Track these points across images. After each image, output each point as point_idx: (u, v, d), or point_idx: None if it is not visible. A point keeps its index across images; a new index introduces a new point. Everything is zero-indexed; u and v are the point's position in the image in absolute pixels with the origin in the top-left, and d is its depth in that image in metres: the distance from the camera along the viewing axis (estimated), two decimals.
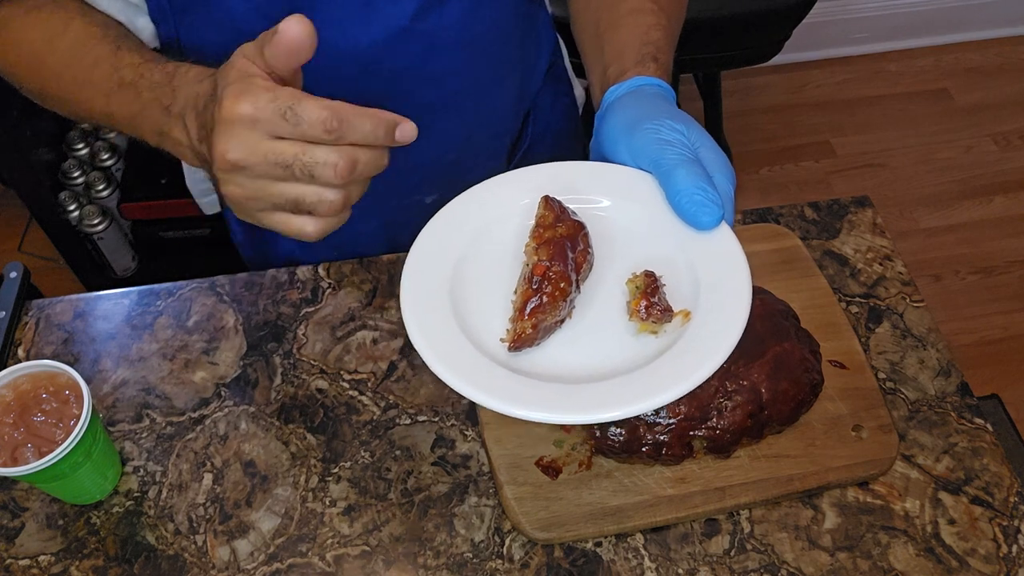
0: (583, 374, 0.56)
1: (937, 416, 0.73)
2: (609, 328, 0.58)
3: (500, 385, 0.53)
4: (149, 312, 0.79)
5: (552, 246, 0.56)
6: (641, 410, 0.52)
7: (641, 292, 0.56)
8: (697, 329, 0.56)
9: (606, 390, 0.54)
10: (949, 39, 2.26)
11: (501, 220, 0.62)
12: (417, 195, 0.84)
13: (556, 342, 0.57)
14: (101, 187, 1.63)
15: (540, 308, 0.54)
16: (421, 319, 0.56)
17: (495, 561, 0.66)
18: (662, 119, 0.59)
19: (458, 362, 0.54)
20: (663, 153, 0.58)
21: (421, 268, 0.59)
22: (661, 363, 0.55)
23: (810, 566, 0.66)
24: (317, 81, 0.70)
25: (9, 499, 0.69)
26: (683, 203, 0.57)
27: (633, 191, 0.61)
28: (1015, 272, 1.87)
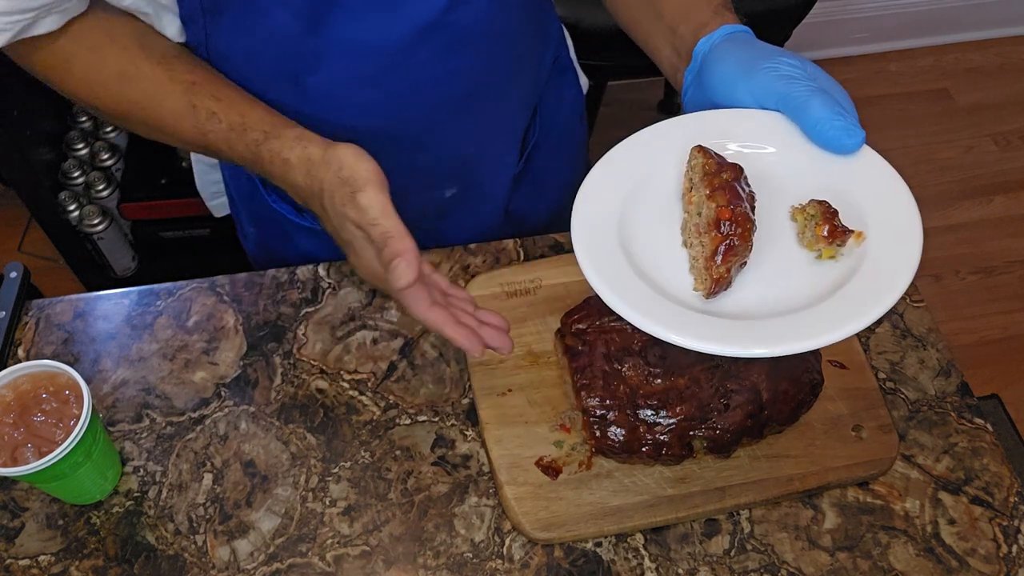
0: (778, 307, 0.56)
1: (937, 416, 0.73)
2: (787, 260, 0.58)
3: (715, 329, 0.54)
4: (149, 312, 0.79)
5: (727, 190, 0.56)
6: (854, 330, 0.52)
7: (821, 217, 0.57)
8: (878, 246, 0.56)
9: (816, 315, 0.54)
10: (949, 39, 2.26)
11: (652, 178, 0.62)
12: (437, 189, 0.85)
13: (742, 282, 0.58)
14: (101, 187, 1.63)
15: (732, 250, 0.55)
16: (613, 286, 0.56)
17: (495, 561, 0.66)
18: (777, 58, 0.60)
19: (657, 313, 0.54)
20: (791, 88, 0.59)
21: (589, 238, 0.59)
22: (858, 283, 0.55)
23: (810, 566, 0.66)
24: (346, 82, 0.70)
25: (9, 499, 0.69)
26: (825, 131, 0.58)
27: (769, 130, 0.61)
28: (1015, 272, 1.87)
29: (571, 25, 0.93)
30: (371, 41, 0.68)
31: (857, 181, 0.59)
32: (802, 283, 0.57)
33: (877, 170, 0.59)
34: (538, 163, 0.93)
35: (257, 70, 0.69)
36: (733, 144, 0.62)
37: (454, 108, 0.76)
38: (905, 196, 0.58)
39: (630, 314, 0.54)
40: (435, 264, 0.82)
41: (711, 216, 0.56)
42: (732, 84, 0.61)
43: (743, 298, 0.57)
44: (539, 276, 0.78)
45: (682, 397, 0.66)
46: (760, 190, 0.59)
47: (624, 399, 0.67)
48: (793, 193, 0.60)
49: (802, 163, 0.60)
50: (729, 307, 0.56)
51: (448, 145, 0.80)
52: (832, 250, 0.57)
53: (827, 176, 0.60)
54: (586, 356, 0.69)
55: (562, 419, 0.70)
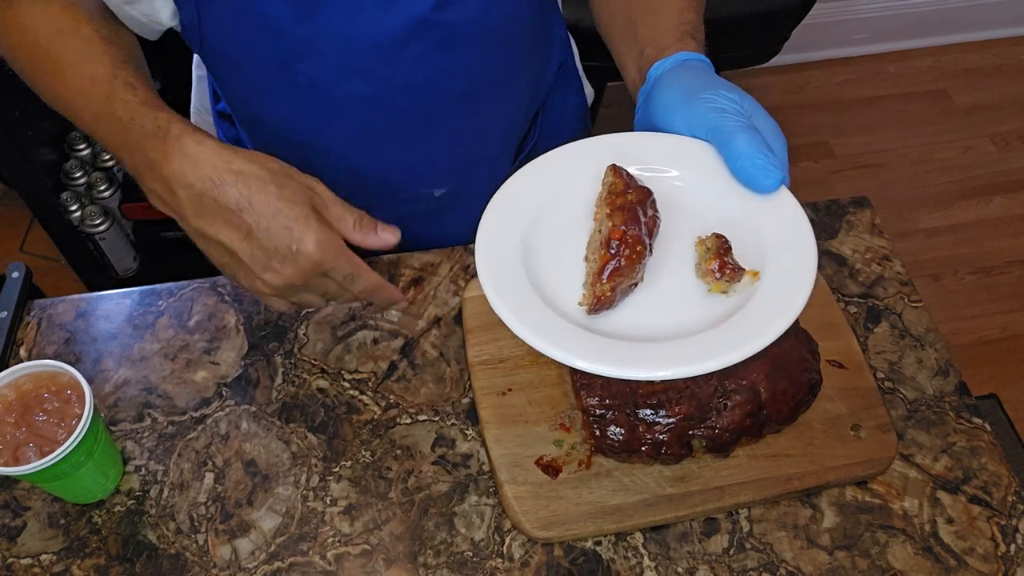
0: (659, 333, 0.57)
1: (935, 416, 0.74)
2: (680, 289, 0.60)
3: (583, 344, 0.55)
4: (150, 312, 0.80)
5: (625, 211, 0.58)
6: (725, 364, 0.54)
7: (713, 252, 0.58)
8: (768, 287, 0.58)
9: (688, 345, 0.55)
10: (948, 40, 2.26)
11: (567, 190, 0.64)
12: (427, 188, 0.85)
13: (630, 304, 0.59)
14: (103, 187, 1.63)
15: (618, 271, 0.56)
16: (498, 286, 0.58)
17: (495, 560, 0.66)
18: (716, 89, 0.62)
19: (538, 323, 0.56)
20: (721, 121, 0.60)
21: (493, 237, 0.61)
22: (740, 319, 0.56)
23: (809, 565, 0.66)
24: (337, 74, 0.70)
25: (11, 498, 0.69)
26: (745, 168, 0.59)
27: (692, 159, 0.63)
28: (1014, 272, 1.87)
29: (571, 26, 0.93)
30: (361, 34, 0.68)
31: (768, 221, 0.60)
32: (688, 313, 0.59)
33: (789, 212, 0.60)
34: None
35: (248, 55, 0.70)
36: (659, 168, 0.63)
37: (446, 107, 0.77)
38: (808, 242, 0.59)
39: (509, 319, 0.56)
40: (435, 264, 0.82)
41: (604, 235, 0.57)
42: (671, 110, 0.63)
43: (628, 319, 0.58)
44: None
45: (681, 397, 0.67)
46: (676, 216, 0.60)
47: (623, 398, 0.67)
48: (705, 223, 0.61)
49: (720, 195, 0.62)
50: (611, 326, 0.58)
51: (439, 144, 0.80)
52: (722, 285, 0.58)
53: (740, 211, 0.61)
54: None
55: (562, 418, 0.71)
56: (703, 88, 0.62)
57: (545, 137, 0.92)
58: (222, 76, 0.76)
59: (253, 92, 0.75)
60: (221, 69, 0.74)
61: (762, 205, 0.61)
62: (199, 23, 0.67)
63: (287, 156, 0.81)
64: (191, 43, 0.71)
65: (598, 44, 1.36)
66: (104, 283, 1.69)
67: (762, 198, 0.61)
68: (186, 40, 0.71)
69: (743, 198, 0.61)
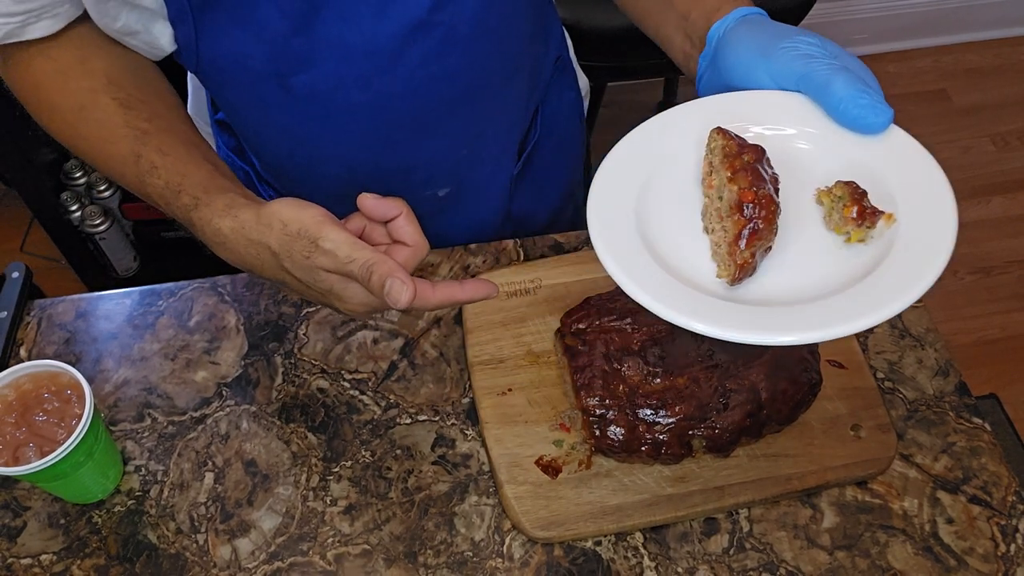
0: (807, 293, 0.53)
1: (935, 416, 0.74)
2: (814, 245, 0.56)
3: (737, 316, 0.51)
4: (151, 312, 0.80)
5: (749, 172, 0.54)
6: (896, 311, 0.50)
7: (849, 199, 0.54)
8: (908, 228, 0.54)
9: (853, 299, 0.51)
10: (947, 40, 2.27)
11: (667, 163, 0.60)
12: (430, 189, 0.85)
13: (768, 269, 0.55)
14: (103, 187, 1.63)
15: (756, 234, 0.53)
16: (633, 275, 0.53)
17: (495, 560, 0.66)
18: (795, 37, 0.59)
19: (681, 302, 0.52)
20: (812, 68, 0.57)
21: (607, 226, 0.56)
22: (893, 263, 0.52)
23: (809, 565, 0.66)
24: (335, 83, 0.70)
25: (11, 498, 0.69)
26: (850, 109, 0.56)
27: (788, 111, 0.59)
28: (1013, 272, 1.87)
29: (571, 26, 0.94)
30: (359, 42, 0.68)
31: (885, 161, 0.56)
32: (830, 268, 0.54)
33: (906, 149, 0.57)
34: (538, 164, 0.93)
35: (245, 71, 0.69)
36: (754, 127, 0.59)
37: (446, 110, 0.76)
38: (937, 176, 0.55)
39: (654, 304, 0.51)
40: (435, 264, 0.83)
41: (733, 199, 0.53)
42: (750, 66, 0.60)
43: (769, 284, 0.54)
44: (539, 276, 0.78)
45: (681, 397, 0.67)
46: (784, 173, 0.56)
47: (623, 399, 0.67)
48: (817, 175, 0.57)
49: (826, 144, 0.58)
50: (755, 294, 0.54)
51: (441, 147, 0.80)
52: (861, 232, 0.54)
53: (854, 157, 0.57)
54: (586, 356, 0.69)
55: (562, 418, 0.71)
56: (779, 38, 0.59)
57: (545, 133, 0.92)
58: (219, 92, 0.75)
59: (251, 105, 0.74)
60: (218, 85, 0.74)
61: (878, 146, 0.57)
62: (195, 41, 0.67)
63: (288, 165, 0.81)
64: (187, 64, 0.71)
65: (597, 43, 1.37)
66: (104, 283, 1.69)
67: (875, 139, 0.57)
68: (182, 61, 0.71)
69: (855, 142, 0.57)
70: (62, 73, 0.67)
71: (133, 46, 0.68)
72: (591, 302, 0.73)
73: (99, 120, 0.66)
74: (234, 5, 0.65)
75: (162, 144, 0.65)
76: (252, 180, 0.87)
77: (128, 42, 0.67)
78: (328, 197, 0.65)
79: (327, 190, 0.76)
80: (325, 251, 0.57)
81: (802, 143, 0.59)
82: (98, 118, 0.66)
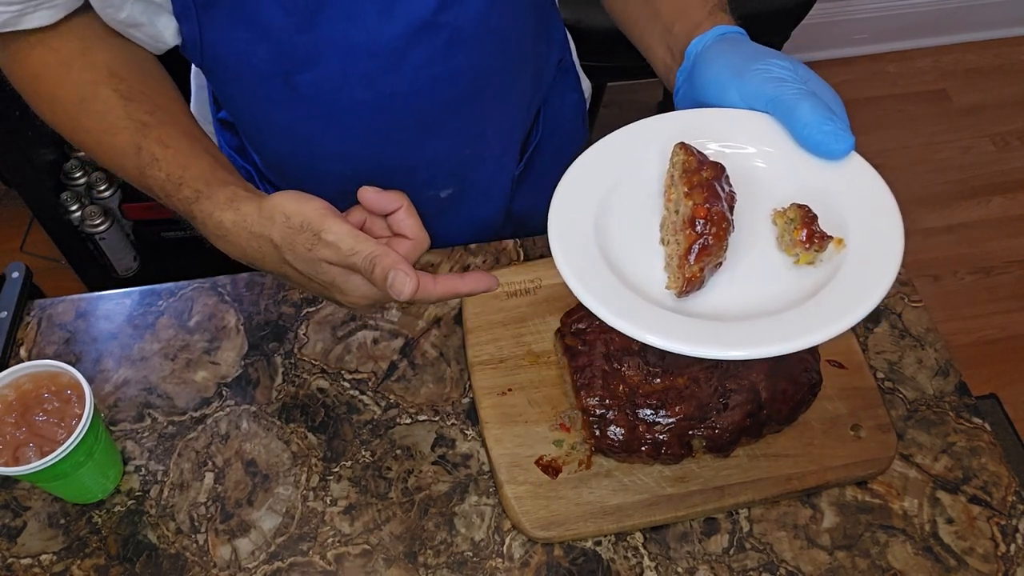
0: (753, 310, 0.56)
1: (935, 416, 0.74)
2: (764, 264, 0.58)
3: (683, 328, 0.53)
4: (151, 312, 0.80)
5: (705, 188, 0.56)
6: (835, 333, 0.52)
7: (800, 222, 0.56)
8: (856, 253, 0.56)
9: (793, 319, 0.53)
10: (948, 40, 2.27)
11: (632, 173, 0.62)
12: (432, 190, 0.85)
13: (717, 283, 0.57)
14: (103, 187, 1.63)
15: (706, 250, 0.54)
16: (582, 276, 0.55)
17: (495, 560, 0.66)
18: (768, 59, 0.60)
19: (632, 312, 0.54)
20: (781, 91, 0.59)
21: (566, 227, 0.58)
22: (837, 287, 0.54)
23: (809, 565, 0.66)
24: (339, 82, 0.70)
25: (11, 498, 0.69)
26: (813, 135, 0.58)
27: (754, 131, 0.61)
28: (1013, 272, 1.87)
29: (571, 26, 0.94)
30: (364, 41, 0.68)
31: (842, 187, 0.59)
32: (778, 287, 0.57)
33: (863, 176, 0.59)
34: (540, 165, 0.93)
35: (249, 67, 0.69)
36: (717, 144, 0.61)
37: (449, 110, 0.76)
38: (889, 204, 0.57)
39: (600, 310, 0.53)
40: (435, 264, 0.83)
41: (687, 214, 0.55)
42: (723, 85, 0.61)
43: (717, 299, 0.56)
44: (539, 276, 0.79)
45: (681, 397, 0.67)
46: (743, 191, 0.58)
47: (623, 399, 0.67)
48: (776, 196, 0.59)
49: (788, 166, 0.60)
50: (702, 307, 0.56)
51: (443, 147, 0.80)
52: (810, 256, 0.57)
53: (812, 180, 0.59)
54: (586, 356, 0.69)
55: (562, 418, 0.71)
56: (753, 59, 0.60)
57: (547, 134, 0.92)
58: (223, 88, 0.76)
59: (255, 102, 0.75)
60: (222, 81, 0.74)
61: (834, 171, 0.59)
62: (200, 37, 0.67)
63: (290, 164, 0.81)
64: (192, 58, 0.71)
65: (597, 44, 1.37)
66: (104, 283, 1.69)
67: (835, 165, 0.59)
68: (187, 55, 0.71)
69: (816, 167, 0.59)
70: (63, 64, 0.66)
71: (136, 39, 0.68)
72: None
73: (100, 112, 0.66)
74: (237, 3, 0.65)
75: (163, 136, 0.65)
76: (254, 178, 0.87)
77: (131, 34, 0.67)
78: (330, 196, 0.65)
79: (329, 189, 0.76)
80: (328, 243, 0.57)
81: (763, 163, 0.61)
82: (99, 110, 0.66)
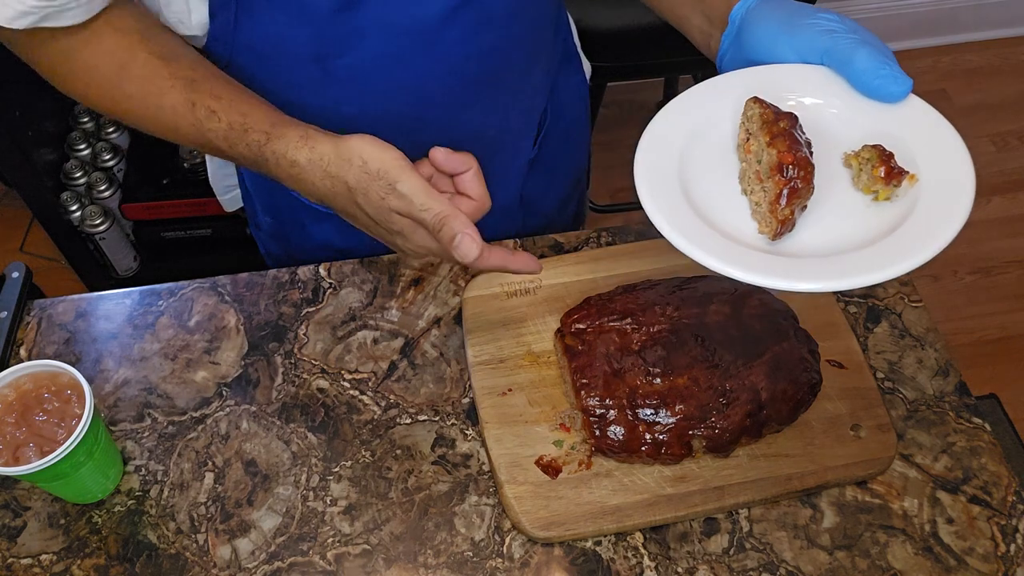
0: (844, 245, 0.58)
1: (935, 415, 0.74)
2: (844, 203, 0.60)
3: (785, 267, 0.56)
4: (151, 312, 0.80)
5: (786, 137, 0.58)
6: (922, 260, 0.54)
7: (878, 159, 0.59)
8: (930, 187, 0.58)
9: (879, 252, 0.56)
10: (947, 40, 2.27)
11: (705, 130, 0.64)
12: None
13: (804, 225, 0.59)
14: (103, 187, 1.63)
15: (795, 193, 0.57)
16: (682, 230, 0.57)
17: (495, 560, 0.66)
18: (816, 14, 0.62)
19: (729, 254, 0.56)
20: (835, 42, 0.61)
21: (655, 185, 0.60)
22: (920, 216, 0.57)
23: (809, 565, 0.66)
24: (375, 63, 0.70)
25: (11, 498, 0.70)
26: (872, 80, 0.60)
27: (812, 83, 0.63)
28: (1013, 272, 1.87)
29: None
30: (403, 20, 0.68)
31: (905, 127, 0.61)
32: (860, 223, 0.59)
33: (925, 116, 0.61)
34: (548, 149, 0.94)
35: (283, 54, 0.69)
36: (785, 96, 0.64)
37: (479, 87, 0.77)
38: (953, 140, 0.60)
39: (706, 259, 0.56)
40: (435, 264, 0.83)
41: (773, 162, 0.58)
42: (774, 42, 0.63)
43: (806, 239, 0.59)
44: (539, 276, 0.79)
45: (681, 397, 0.67)
46: (815, 138, 0.61)
47: (624, 399, 0.67)
48: (842, 142, 0.62)
49: (851, 112, 0.62)
50: (794, 248, 0.58)
51: (468, 126, 0.80)
52: (888, 191, 0.59)
53: (875, 124, 0.61)
54: (586, 356, 0.69)
55: (562, 418, 0.71)
56: (800, 15, 0.63)
57: (554, 118, 0.93)
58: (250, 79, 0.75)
59: (286, 89, 0.74)
60: (250, 72, 0.73)
61: (898, 113, 0.61)
62: (234, 26, 0.67)
63: None
64: (217, 52, 0.70)
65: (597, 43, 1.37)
66: (104, 283, 1.69)
67: (895, 107, 0.61)
68: (211, 50, 0.70)
69: (877, 110, 0.62)
70: (95, 34, 0.66)
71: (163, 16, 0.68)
72: (591, 302, 0.74)
73: (143, 76, 0.66)
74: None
75: (214, 89, 0.65)
76: None
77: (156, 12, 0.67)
78: None
79: None
80: (401, 195, 0.60)
81: (827, 112, 0.63)
82: (141, 74, 0.66)
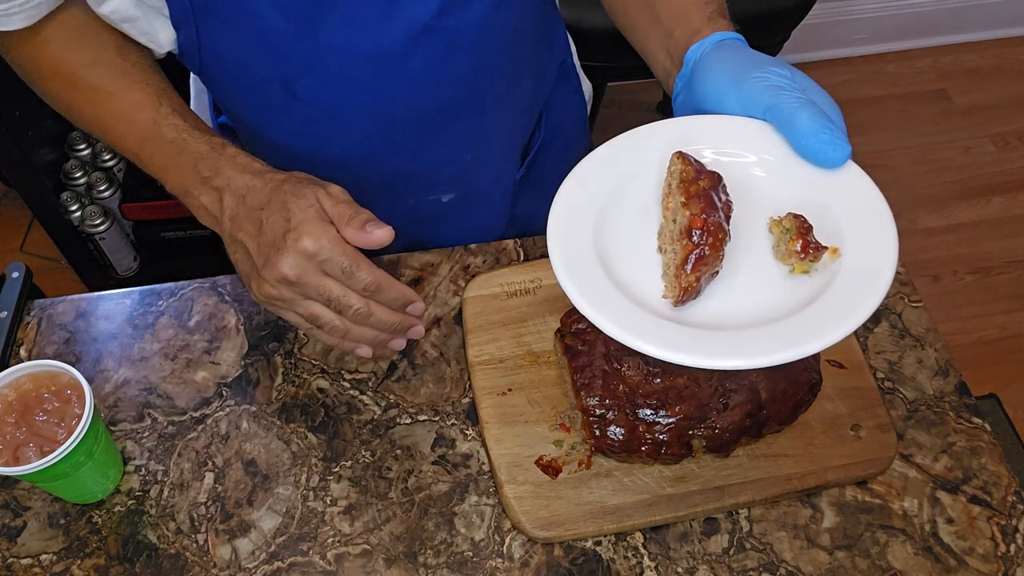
0: (748, 319, 0.56)
1: (935, 415, 0.74)
2: (760, 272, 0.58)
3: (676, 338, 0.53)
4: (151, 312, 0.80)
5: (702, 198, 0.56)
6: (829, 343, 0.52)
7: (795, 232, 0.57)
8: (851, 262, 0.56)
9: (782, 331, 0.54)
10: (947, 40, 2.27)
11: (631, 180, 0.62)
12: (434, 193, 0.85)
13: (713, 292, 0.57)
14: (103, 187, 1.63)
15: (702, 260, 0.55)
16: (581, 285, 0.56)
17: (495, 560, 0.66)
18: (766, 67, 0.60)
19: (624, 318, 0.54)
20: (779, 99, 0.59)
21: (565, 235, 0.59)
22: (831, 297, 0.55)
23: (809, 565, 0.66)
24: (339, 87, 0.70)
25: (11, 498, 0.69)
26: (811, 143, 0.58)
27: (752, 139, 0.61)
28: (1013, 272, 1.87)
29: (571, 26, 0.94)
30: (364, 46, 0.67)
31: (839, 196, 0.59)
32: (773, 296, 0.57)
33: (859, 186, 0.59)
34: (542, 168, 0.93)
35: (249, 74, 0.69)
36: (715, 151, 0.62)
37: (450, 115, 0.76)
38: (885, 215, 0.58)
39: (596, 318, 0.54)
40: (435, 264, 0.82)
41: (684, 224, 0.56)
42: (721, 92, 0.62)
43: (713, 308, 0.57)
44: (539, 276, 0.79)
45: (681, 396, 0.67)
46: (740, 199, 0.59)
47: (623, 399, 0.67)
48: (773, 203, 0.60)
49: (785, 174, 0.60)
50: (698, 316, 0.56)
51: (445, 151, 0.80)
52: (805, 265, 0.57)
53: (809, 189, 0.59)
54: (586, 356, 0.69)
55: (562, 418, 0.71)
56: (752, 67, 0.61)
57: (549, 137, 0.92)
58: (222, 94, 0.75)
59: (254, 108, 0.75)
60: (221, 88, 0.74)
61: (830, 180, 0.59)
62: (198, 44, 0.67)
63: (291, 168, 0.81)
64: (190, 65, 0.71)
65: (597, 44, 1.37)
66: (104, 283, 1.69)
67: (829, 173, 0.59)
68: (184, 62, 0.71)
69: (810, 174, 0.59)
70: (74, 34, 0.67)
71: (132, 35, 0.68)
72: None
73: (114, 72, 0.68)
74: (235, 10, 0.65)
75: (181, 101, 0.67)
76: None
77: (125, 29, 0.67)
78: None
79: None
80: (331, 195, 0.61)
81: (761, 171, 0.61)
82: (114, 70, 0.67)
